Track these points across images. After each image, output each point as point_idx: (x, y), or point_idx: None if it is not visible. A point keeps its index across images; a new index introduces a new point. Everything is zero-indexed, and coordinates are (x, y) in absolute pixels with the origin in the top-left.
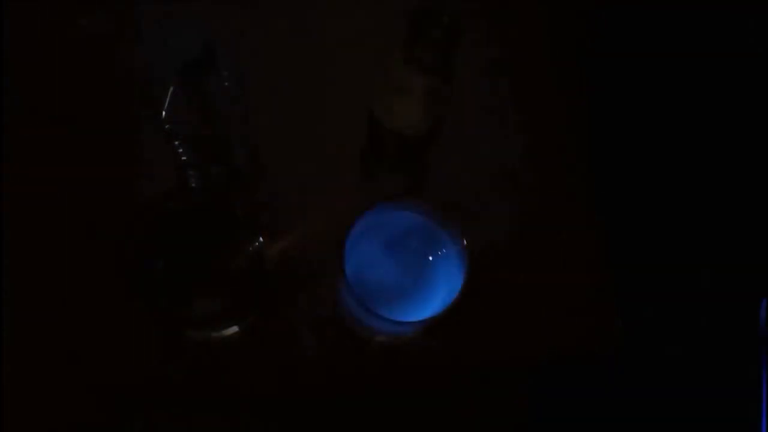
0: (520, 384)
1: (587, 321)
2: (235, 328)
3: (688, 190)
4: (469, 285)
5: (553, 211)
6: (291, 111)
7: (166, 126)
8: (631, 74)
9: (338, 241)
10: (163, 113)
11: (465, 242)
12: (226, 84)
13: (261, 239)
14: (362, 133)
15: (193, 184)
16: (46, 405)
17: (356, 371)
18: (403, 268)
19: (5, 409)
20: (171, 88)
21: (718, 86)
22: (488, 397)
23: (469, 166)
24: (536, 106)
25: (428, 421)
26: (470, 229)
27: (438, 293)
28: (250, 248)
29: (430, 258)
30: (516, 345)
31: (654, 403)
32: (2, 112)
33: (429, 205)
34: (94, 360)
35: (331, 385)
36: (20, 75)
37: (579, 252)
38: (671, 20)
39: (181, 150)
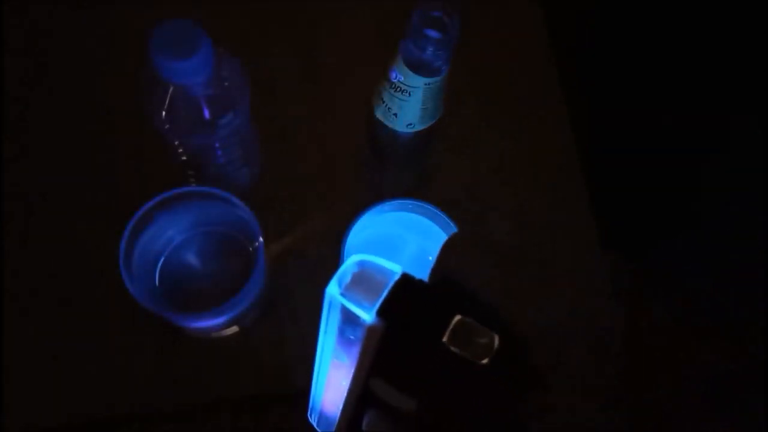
0: None
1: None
2: (235, 328)
3: (688, 189)
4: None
5: (554, 211)
6: (291, 111)
7: (166, 126)
8: (632, 74)
9: (338, 241)
10: (163, 113)
11: None
12: (226, 84)
13: (261, 239)
14: (362, 133)
15: (193, 184)
16: (45, 405)
17: None
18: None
19: (5, 408)
20: (171, 88)
21: (718, 86)
22: None
23: (469, 166)
24: (536, 105)
25: None
26: (470, 229)
27: None
28: (250, 248)
29: (430, 258)
30: None
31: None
32: (2, 112)
33: (429, 205)
34: (94, 360)
35: None
36: (20, 75)
37: (579, 252)
38: (671, 21)
39: (181, 150)
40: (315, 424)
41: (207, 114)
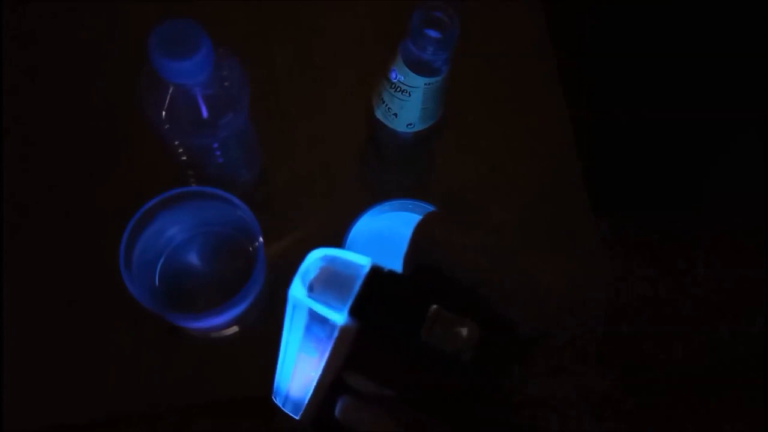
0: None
1: None
2: (235, 328)
3: (688, 187)
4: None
5: (554, 211)
6: (291, 111)
7: (166, 126)
8: (632, 73)
9: (338, 241)
10: (163, 113)
11: None
12: (226, 84)
13: (261, 239)
14: (362, 133)
15: (193, 184)
16: (45, 405)
17: None
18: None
19: (5, 408)
20: (171, 88)
21: (718, 86)
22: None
23: (469, 166)
24: (537, 104)
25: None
26: (470, 229)
27: None
28: (250, 248)
29: None
30: None
31: None
32: (3, 111)
33: (429, 205)
34: (94, 360)
35: None
36: (19, 75)
37: (580, 252)
38: (671, 19)
39: (181, 150)
40: (281, 405)
41: (207, 114)
